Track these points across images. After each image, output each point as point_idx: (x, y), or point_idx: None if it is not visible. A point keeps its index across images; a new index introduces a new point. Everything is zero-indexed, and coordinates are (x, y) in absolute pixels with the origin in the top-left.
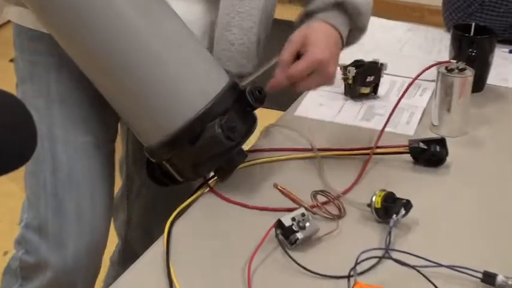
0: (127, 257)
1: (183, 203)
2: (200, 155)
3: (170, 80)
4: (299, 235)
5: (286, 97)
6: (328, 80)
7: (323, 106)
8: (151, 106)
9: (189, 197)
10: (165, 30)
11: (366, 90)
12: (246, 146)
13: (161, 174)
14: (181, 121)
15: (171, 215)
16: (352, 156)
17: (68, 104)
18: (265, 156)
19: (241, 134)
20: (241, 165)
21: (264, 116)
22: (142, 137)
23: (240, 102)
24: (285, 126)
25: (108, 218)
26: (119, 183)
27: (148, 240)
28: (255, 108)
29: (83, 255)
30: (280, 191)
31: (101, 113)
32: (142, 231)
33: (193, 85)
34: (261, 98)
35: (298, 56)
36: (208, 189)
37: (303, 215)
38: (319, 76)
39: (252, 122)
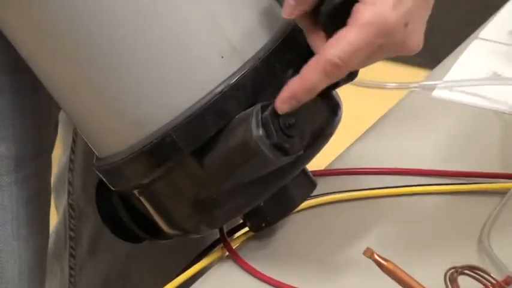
0: None
1: (175, 275)
2: (214, 181)
3: (161, 30)
4: None
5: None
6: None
7: None
8: (122, 83)
9: (186, 268)
10: None
11: None
12: (312, 164)
13: (129, 217)
14: (176, 110)
15: None
16: None
17: None
18: (356, 188)
19: (305, 141)
20: (300, 206)
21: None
22: (98, 141)
23: None
24: (421, 114)
25: None
26: None
27: None
28: (339, 85)
29: None
30: (378, 264)
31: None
32: None
33: (203, 37)
34: None
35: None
36: (227, 253)
37: None
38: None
39: (330, 113)
